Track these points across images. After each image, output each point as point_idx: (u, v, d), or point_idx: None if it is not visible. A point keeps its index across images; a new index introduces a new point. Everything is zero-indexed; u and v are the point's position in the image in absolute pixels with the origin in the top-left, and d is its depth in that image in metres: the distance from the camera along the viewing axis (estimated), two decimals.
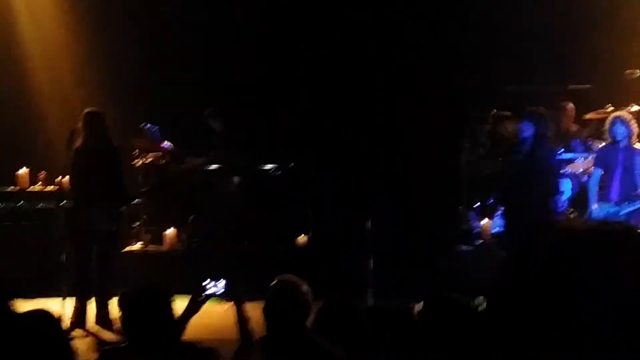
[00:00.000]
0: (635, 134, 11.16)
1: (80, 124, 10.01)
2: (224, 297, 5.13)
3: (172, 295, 4.93)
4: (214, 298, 5.85)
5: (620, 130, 11.09)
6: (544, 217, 10.09)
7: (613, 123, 11.19)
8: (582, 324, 1.19)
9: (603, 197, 11.28)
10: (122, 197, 10.28)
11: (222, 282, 5.04)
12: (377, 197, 10.08)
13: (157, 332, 4.74)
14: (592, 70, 13.17)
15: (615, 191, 11.19)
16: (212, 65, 14.09)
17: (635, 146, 11.18)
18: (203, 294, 5.07)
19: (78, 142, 9.98)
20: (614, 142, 11.20)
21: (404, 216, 11.78)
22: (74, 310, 9.87)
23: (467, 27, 13.60)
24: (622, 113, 11.38)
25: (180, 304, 4.94)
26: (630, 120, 11.18)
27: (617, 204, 11.10)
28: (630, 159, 11.11)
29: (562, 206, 12.24)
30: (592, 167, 11.57)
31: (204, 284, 5.05)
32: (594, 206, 11.29)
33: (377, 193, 10.10)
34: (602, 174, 11.30)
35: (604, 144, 11.65)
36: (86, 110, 10.16)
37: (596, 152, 11.76)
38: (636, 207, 11.02)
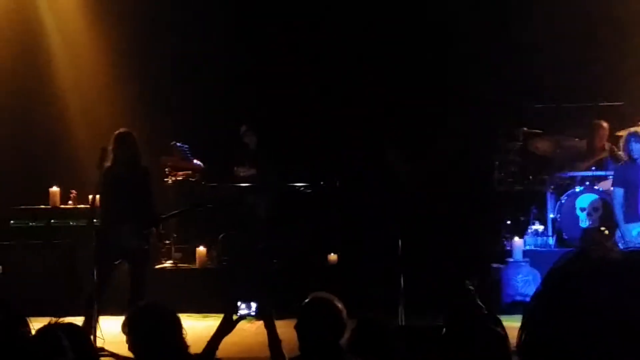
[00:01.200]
0: None
1: (111, 144, 10.04)
2: (255, 317, 5.12)
3: (176, 314, 4.92)
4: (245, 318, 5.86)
5: (635, 147, 10.82)
6: None
7: (628, 140, 10.90)
8: None
9: (630, 217, 10.95)
10: (151, 217, 10.30)
11: (253, 305, 5.02)
12: (408, 214, 10.03)
13: (164, 353, 4.72)
14: (624, 86, 13.08)
15: None
16: (243, 84, 14.12)
17: None
18: (235, 315, 5.05)
19: (108, 162, 10.01)
20: (632, 160, 10.91)
21: (435, 234, 11.72)
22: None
23: (499, 45, 13.56)
24: (637, 129, 11.12)
25: (213, 322, 4.92)
26: None
27: None
28: None
29: (593, 223, 12.16)
30: (612, 188, 11.28)
31: (236, 305, 5.02)
32: (624, 227, 11.01)
33: (408, 211, 10.06)
34: (625, 194, 11.00)
35: (621, 162, 11.41)
36: (118, 131, 10.20)
37: (614, 171, 11.47)
38: None
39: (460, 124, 13.23)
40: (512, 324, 10.49)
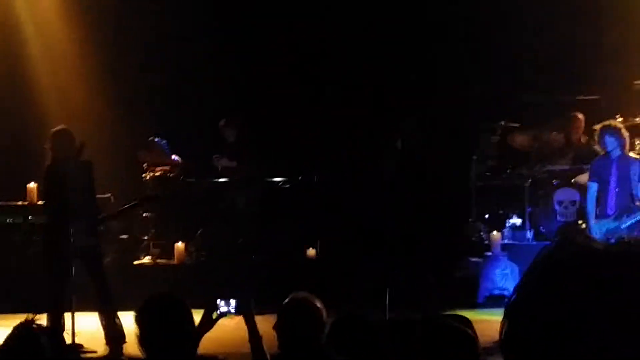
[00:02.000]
0: (628, 143, 10.74)
1: (48, 143, 9.95)
2: (234, 314, 5.12)
3: (189, 307, 4.91)
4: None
5: (609, 140, 10.60)
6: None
7: (601, 135, 10.71)
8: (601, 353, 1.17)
9: (600, 213, 10.78)
10: (97, 213, 10.22)
11: (233, 302, 5.02)
12: (387, 209, 10.06)
13: (177, 345, 4.71)
14: (602, 81, 13.15)
15: (611, 205, 10.70)
16: (223, 78, 14.11)
17: (629, 155, 10.77)
18: (215, 313, 5.05)
19: (48, 160, 9.95)
20: (606, 154, 10.72)
21: (414, 228, 11.75)
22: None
23: (477, 39, 13.61)
24: (610, 123, 10.94)
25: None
26: (620, 129, 10.67)
27: (616, 218, 10.62)
28: (625, 169, 10.64)
29: (569, 217, 12.23)
30: (588, 182, 11.15)
31: (216, 302, 5.02)
32: (593, 222, 10.83)
33: (387, 205, 10.08)
34: (598, 188, 10.86)
35: (598, 157, 11.22)
36: (54, 129, 10.10)
37: (591, 166, 11.25)
38: (636, 219, 10.58)
39: (440, 118, 13.28)
40: (490, 317, 10.54)
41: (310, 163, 13.42)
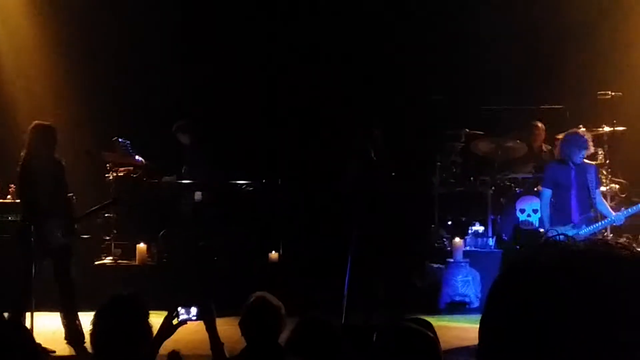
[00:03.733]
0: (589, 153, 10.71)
1: (30, 135, 9.87)
2: (195, 320, 5.14)
3: (148, 308, 4.89)
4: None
5: (572, 150, 10.34)
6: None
7: (565, 142, 10.56)
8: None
9: (563, 220, 10.60)
10: (71, 212, 10.16)
11: (193, 309, 5.04)
12: (349, 214, 10.07)
13: (129, 346, 4.69)
14: (566, 91, 13.24)
15: (575, 212, 10.58)
16: (187, 78, 14.09)
17: (585, 162, 10.64)
18: (176, 319, 5.05)
19: (23, 153, 9.87)
20: (564, 162, 10.57)
21: (377, 233, 11.77)
22: None
23: (442, 47, 13.68)
24: (576, 131, 10.84)
25: (154, 320, 4.89)
26: (585, 139, 10.42)
27: (574, 227, 10.46)
28: (583, 175, 10.53)
29: (532, 225, 12.30)
30: (541, 188, 11.03)
31: (177, 309, 5.03)
32: (549, 228, 10.57)
33: (349, 210, 10.10)
34: (552, 195, 10.82)
35: (551, 162, 11.17)
36: (39, 123, 10.01)
37: (546, 171, 11.09)
38: (594, 230, 10.47)
39: (404, 124, 13.32)
40: (450, 324, 10.56)
41: (274, 166, 13.42)
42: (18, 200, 11.78)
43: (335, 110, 13.62)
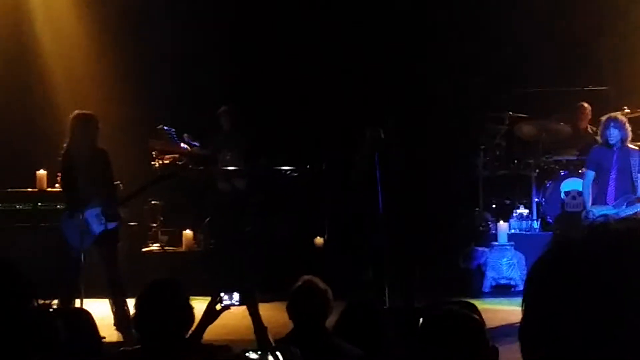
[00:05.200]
0: (630, 137, 10.81)
1: (72, 124, 9.98)
2: (238, 306, 5.22)
3: (188, 293, 4.97)
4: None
5: (614, 132, 10.64)
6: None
7: (607, 125, 10.77)
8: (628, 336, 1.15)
9: (600, 200, 10.81)
10: (115, 198, 10.25)
11: (236, 295, 5.11)
12: (394, 198, 10.07)
13: (171, 331, 4.77)
14: (610, 72, 13.15)
15: (611, 194, 10.76)
16: (228, 66, 14.15)
17: (629, 147, 10.81)
18: (219, 305, 5.13)
19: (65, 144, 9.99)
20: (608, 145, 10.77)
21: (421, 217, 11.78)
22: None
23: (486, 28, 13.60)
24: (616, 115, 11.04)
25: (200, 305, 4.97)
26: (625, 123, 10.76)
27: (614, 206, 10.62)
28: (625, 160, 10.71)
29: (576, 207, 12.22)
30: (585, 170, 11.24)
31: (220, 295, 5.11)
32: (589, 208, 10.84)
33: (394, 194, 10.10)
34: (596, 177, 10.96)
35: (595, 146, 11.28)
36: (81, 112, 10.11)
37: (589, 154, 11.31)
38: (634, 211, 10.60)
39: (446, 109, 13.29)
40: (496, 307, 10.56)
41: (319, 152, 13.43)
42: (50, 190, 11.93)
43: (377, 96, 13.61)
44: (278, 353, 3.98)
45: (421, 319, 3.75)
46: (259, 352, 4.50)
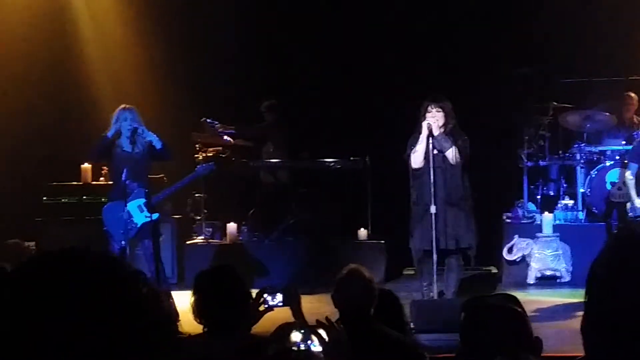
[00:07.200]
0: None
1: (116, 117, 10.10)
2: (282, 307, 5.23)
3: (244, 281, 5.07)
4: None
5: None
6: None
7: None
8: None
9: None
10: (153, 192, 10.33)
11: (279, 296, 5.12)
12: (435, 191, 10.02)
13: (233, 315, 4.84)
14: None
15: None
16: (272, 59, 14.18)
17: None
18: (262, 306, 5.16)
19: (108, 134, 10.10)
20: None
21: (463, 208, 11.72)
22: None
23: (528, 18, 13.50)
24: None
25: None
26: None
27: None
28: None
29: (623, 197, 12.10)
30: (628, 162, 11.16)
31: (263, 295, 5.13)
32: (637, 201, 10.93)
33: (436, 186, 10.05)
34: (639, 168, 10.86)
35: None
36: (124, 106, 10.22)
37: (633, 145, 11.27)
38: None
39: (492, 98, 13.22)
40: (540, 298, 10.49)
41: (362, 144, 13.42)
42: (110, 182, 12.06)
43: (421, 87, 13.57)
44: (321, 331, 3.97)
45: (462, 312, 3.73)
46: (303, 331, 4.52)
